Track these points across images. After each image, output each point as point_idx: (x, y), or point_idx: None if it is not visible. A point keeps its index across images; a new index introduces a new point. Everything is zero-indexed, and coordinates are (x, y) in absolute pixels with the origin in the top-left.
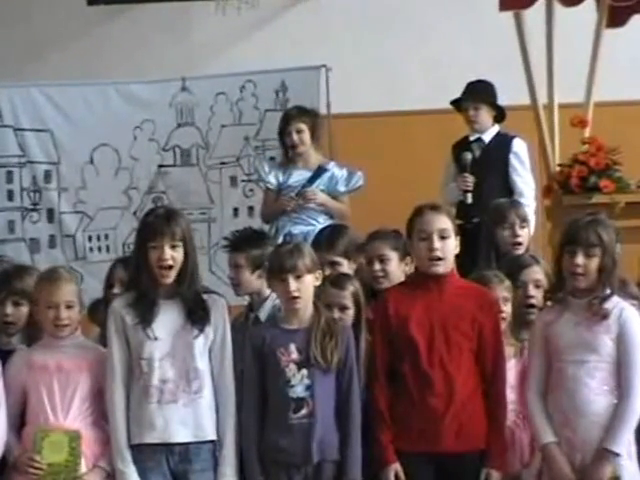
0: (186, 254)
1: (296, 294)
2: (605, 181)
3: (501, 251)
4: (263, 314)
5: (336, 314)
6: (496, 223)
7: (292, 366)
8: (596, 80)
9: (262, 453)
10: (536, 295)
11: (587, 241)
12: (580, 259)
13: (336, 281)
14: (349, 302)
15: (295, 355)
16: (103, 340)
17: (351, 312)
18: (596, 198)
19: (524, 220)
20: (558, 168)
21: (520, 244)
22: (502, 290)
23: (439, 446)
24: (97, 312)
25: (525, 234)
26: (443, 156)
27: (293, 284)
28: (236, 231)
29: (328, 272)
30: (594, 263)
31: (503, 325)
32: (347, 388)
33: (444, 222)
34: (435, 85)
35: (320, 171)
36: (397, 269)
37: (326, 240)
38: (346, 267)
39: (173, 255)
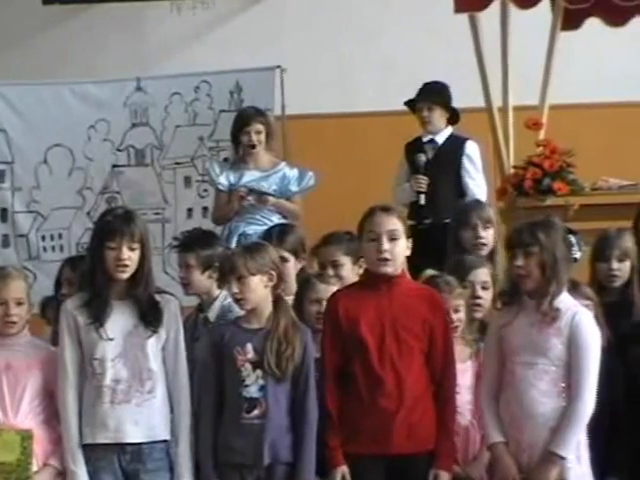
0: (142, 256)
1: (238, 296)
2: (559, 183)
3: (467, 252)
4: (212, 314)
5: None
6: (460, 224)
7: (247, 366)
8: (551, 83)
9: (216, 453)
10: (483, 296)
11: (523, 242)
12: (520, 260)
13: (321, 276)
14: None
15: (251, 355)
16: (55, 339)
17: None
18: (550, 200)
19: (488, 221)
20: (512, 170)
21: (484, 245)
22: (455, 298)
23: (389, 447)
24: (48, 310)
25: (489, 235)
26: (397, 157)
27: (234, 286)
28: (186, 231)
29: None
30: (534, 262)
31: (461, 327)
32: (303, 392)
33: (394, 223)
34: (389, 86)
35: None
36: (350, 273)
37: (276, 235)
38: (292, 263)
39: (130, 256)
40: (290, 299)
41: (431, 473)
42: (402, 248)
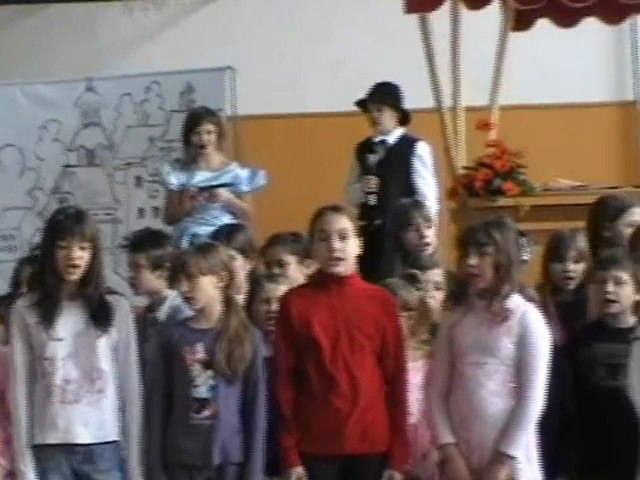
0: (93, 256)
1: (188, 295)
2: (509, 184)
3: (410, 253)
4: (162, 315)
5: (275, 308)
6: (401, 225)
7: (197, 366)
8: (501, 83)
9: (165, 453)
10: (436, 296)
11: (478, 241)
12: (473, 260)
13: (272, 276)
14: None
15: (201, 355)
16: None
17: None
18: (501, 201)
19: (428, 220)
20: (463, 171)
21: (428, 244)
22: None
23: (343, 448)
24: (2, 310)
25: (431, 234)
26: (347, 158)
27: (184, 285)
28: (136, 231)
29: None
30: (488, 262)
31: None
32: (253, 392)
33: (344, 222)
34: (340, 87)
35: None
36: (296, 273)
37: (224, 234)
38: (240, 262)
39: (81, 255)
40: (239, 298)
41: (385, 474)
42: (353, 247)
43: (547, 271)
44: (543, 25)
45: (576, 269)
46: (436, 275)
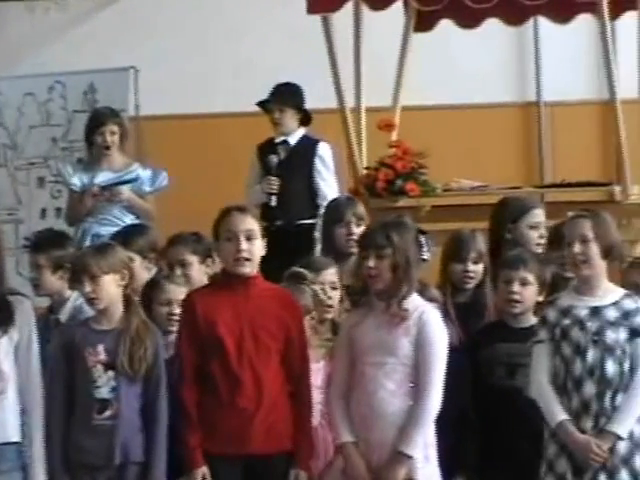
0: None
1: (92, 295)
2: (411, 185)
3: (340, 250)
4: (63, 316)
5: (176, 309)
6: (333, 221)
7: (99, 367)
8: (403, 84)
9: (68, 454)
10: (333, 296)
11: (376, 243)
12: (372, 261)
13: (171, 277)
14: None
15: (103, 356)
16: None
17: None
18: (402, 201)
19: (360, 218)
20: (365, 171)
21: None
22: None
23: (248, 447)
24: None
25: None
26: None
27: (87, 286)
28: (37, 232)
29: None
30: (386, 264)
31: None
32: (154, 392)
33: (250, 223)
34: (245, 87)
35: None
36: (198, 273)
37: (122, 235)
38: (138, 263)
39: None
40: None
41: (291, 473)
42: (258, 248)
43: (446, 271)
44: (446, 26)
45: (476, 269)
46: (331, 275)
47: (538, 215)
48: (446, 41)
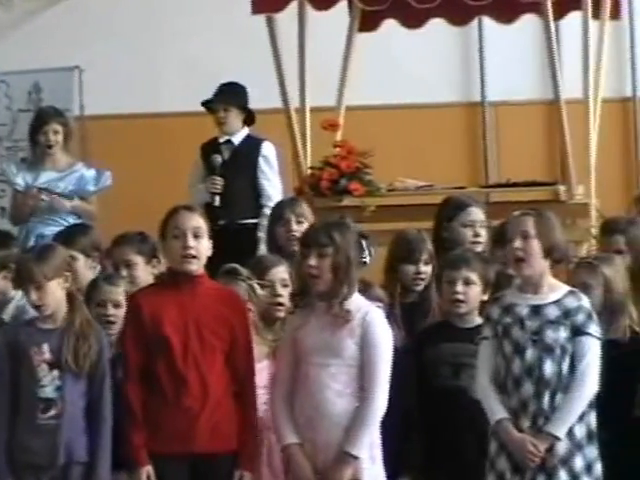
0: None
1: (38, 303)
2: (355, 184)
3: (283, 249)
4: (7, 315)
5: (110, 310)
6: (274, 221)
7: (44, 366)
8: (348, 84)
9: (13, 454)
10: (284, 294)
11: (318, 242)
12: (313, 260)
13: (109, 278)
14: (123, 299)
15: (47, 355)
16: None
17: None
18: (346, 201)
19: (301, 216)
20: (309, 171)
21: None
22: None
23: (193, 447)
24: None
25: (303, 229)
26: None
27: (34, 295)
28: None
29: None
30: (327, 263)
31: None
32: (98, 390)
33: (198, 221)
34: (190, 86)
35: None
36: (144, 273)
37: (64, 235)
38: (82, 262)
39: None
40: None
41: (235, 474)
42: (205, 247)
43: (395, 272)
44: (391, 26)
45: (427, 270)
46: (282, 272)
47: (473, 213)
48: (391, 41)
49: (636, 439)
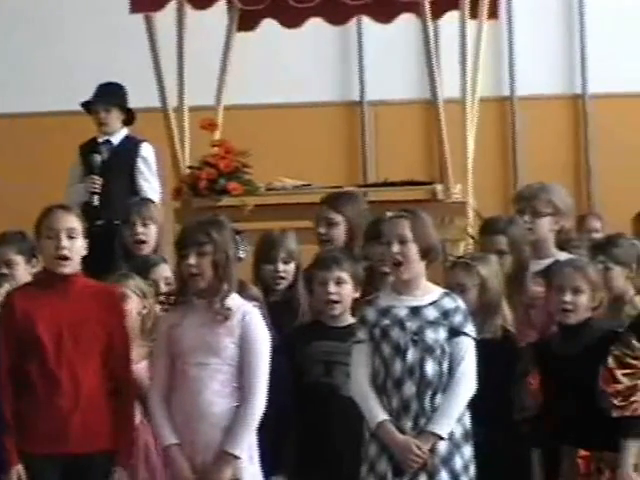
0: None
1: None
2: (234, 184)
3: (130, 252)
4: None
5: None
6: (122, 222)
7: None
8: (227, 83)
9: None
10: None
11: (197, 240)
12: (192, 259)
13: None
14: None
15: None
16: None
17: None
18: (225, 200)
19: (147, 218)
20: (188, 170)
21: (143, 242)
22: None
23: (66, 446)
24: None
25: (150, 232)
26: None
27: None
28: None
29: None
30: (207, 261)
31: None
32: None
33: (72, 222)
34: (69, 86)
35: None
36: (24, 273)
37: None
38: None
39: None
40: None
41: (112, 472)
42: (80, 247)
43: (258, 271)
44: (270, 25)
45: (286, 269)
46: (165, 271)
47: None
48: (270, 40)
49: (510, 440)
